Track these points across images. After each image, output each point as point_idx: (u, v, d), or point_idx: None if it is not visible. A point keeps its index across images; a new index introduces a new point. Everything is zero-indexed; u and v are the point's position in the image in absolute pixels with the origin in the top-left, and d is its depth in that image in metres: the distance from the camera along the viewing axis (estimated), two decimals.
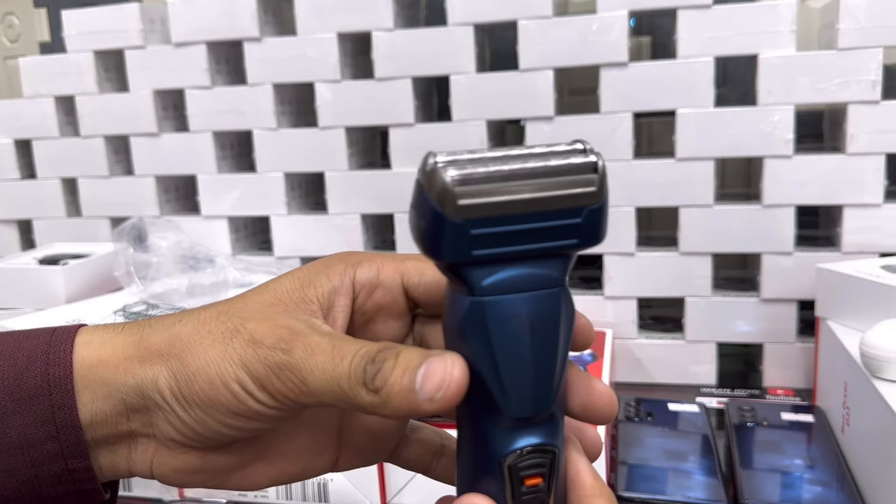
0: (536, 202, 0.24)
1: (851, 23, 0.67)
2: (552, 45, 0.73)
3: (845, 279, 0.65)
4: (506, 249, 0.24)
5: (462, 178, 0.23)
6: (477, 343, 0.25)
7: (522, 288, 0.25)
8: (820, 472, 0.57)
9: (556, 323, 0.25)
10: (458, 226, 0.23)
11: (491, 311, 0.25)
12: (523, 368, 0.25)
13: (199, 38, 0.82)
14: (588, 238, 0.25)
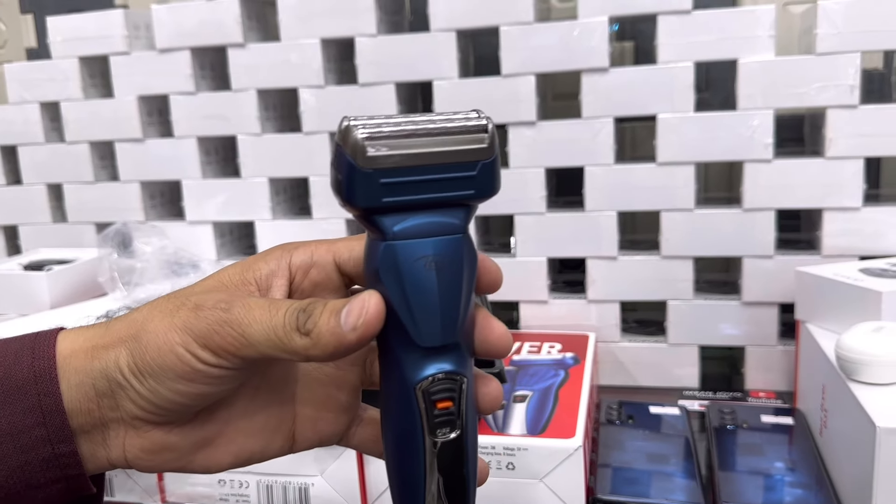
0: (436, 155, 0.28)
1: (830, 28, 0.68)
2: (534, 51, 0.73)
3: (823, 282, 0.65)
4: (411, 198, 0.28)
5: (371, 134, 0.27)
6: (391, 281, 0.29)
7: (428, 233, 0.28)
8: (799, 475, 0.57)
9: (458, 264, 0.29)
10: (369, 175, 0.27)
11: (401, 253, 0.28)
12: (431, 303, 0.29)
13: (183, 44, 0.82)
14: (483, 189, 0.29)
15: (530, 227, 0.77)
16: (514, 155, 0.76)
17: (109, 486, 0.62)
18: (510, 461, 0.54)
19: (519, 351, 0.72)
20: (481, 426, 0.56)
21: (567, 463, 0.53)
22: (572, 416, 0.57)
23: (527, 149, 0.76)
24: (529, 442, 0.54)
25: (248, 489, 0.59)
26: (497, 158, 0.29)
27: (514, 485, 0.54)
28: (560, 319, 0.79)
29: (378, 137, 0.27)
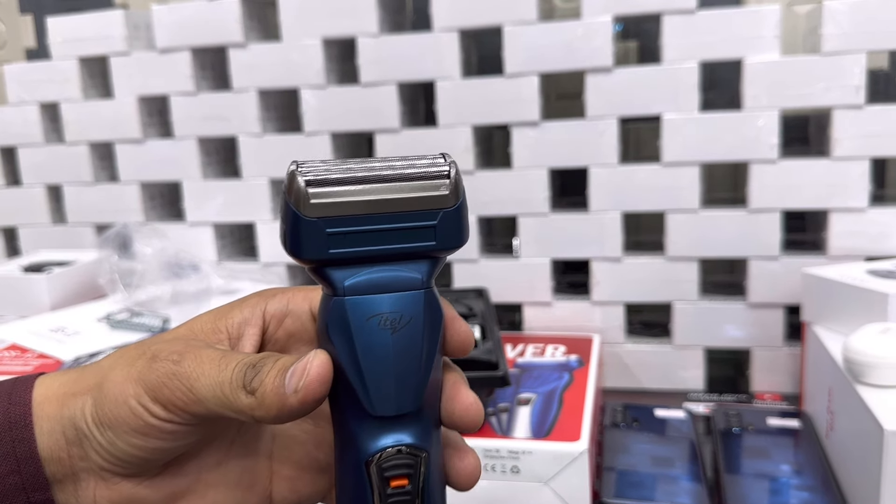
0: (390, 203, 0.26)
1: (835, 28, 0.67)
2: (537, 51, 0.73)
3: (830, 284, 0.64)
4: (363, 249, 0.26)
5: (315, 179, 0.25)
6: (340, 341, 0.26)
7: (384, 289, 0.26)
8: (805, 478, 0.57)
9: (418, 324, 0.26)
10: (313, 224, 0.25)
11: (352, 310, 0.26)
12: (385, 367, 0.26)
13: (183, 45, 0.82)
14: (445, 240, 0.26)
15: (534, 229, 0.77)
16: (518, 155, 0.76)
17: None
18: (514, 464, 0.54)
19: (523, 353, 0.72)
20: (485, 429, 0.56)
21: (572, 466, 0.53)
22: (577, 420, 0.57)
23: (530, 149, 0.75)
24: (534, 445, 0.53)
25: None
26: (461, 207, 0.26)
27: (518, 488, 0.54)
28: (564, 321, 0.78)
29: (324, 183, 0.25)
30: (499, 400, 0.60)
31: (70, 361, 0.62)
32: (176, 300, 0.71)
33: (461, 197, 0.26)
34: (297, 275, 0.86)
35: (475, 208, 0.78)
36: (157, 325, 0.67)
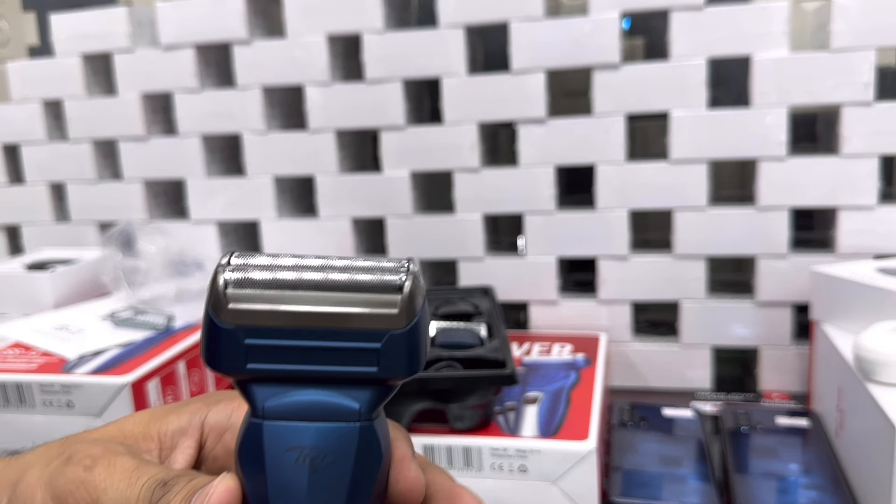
0: (324, 317, 0.21)
1: (844, 24, 0.67)
2: (544, 47, 0.72)
3: (839, 282, 0.64)
4: (288, 367, 0.22)
5: (239, 280, 0.21)
6: (250, 471, 0.22)
7: (310, 417, 0.22)
8: (815, 477, 0.56)
9: (344, 466, 0.22)
10: (230, 332, 0.21)
11: (268, 438, 0.22)
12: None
13: (187, 41, 0.81)
14: (390, 367, 0.22)
15: (540, 227, 0.76)
16: (524, 153, 0.75)
17: None
18: (522, 463, 0.53)
19: (529, 352, 0.71)
20: (492, 428, 0.55)
21: (581, 465, 0.52)
22: (585, 418, 0.56)
23: (536, 147, 0.75)
24: (542, 444, 0.53)
25: None
26: (414, 329, 0.22)
27: (526, 488, 0.53)
28: (570, 320, 0.78)
29: (247, 285, 0.21)
30: (506, 399, 0.60)
31: (74, 359, 0.61)
32: (180, 298, 0.70)
33: (416, 317, 0.22)
34: None
35: (481, 206, 0.77)
36: (162, 322, 0.66)
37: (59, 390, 0.58)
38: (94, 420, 0.57)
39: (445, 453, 0.54)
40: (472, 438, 0.54)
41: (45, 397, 0.58)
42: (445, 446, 0.54)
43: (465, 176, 0.77)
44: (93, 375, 0.57)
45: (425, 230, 0.79)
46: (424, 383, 0.54)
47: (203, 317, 0.22)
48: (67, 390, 0.58)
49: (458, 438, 0.54)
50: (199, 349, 0.64)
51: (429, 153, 0.78)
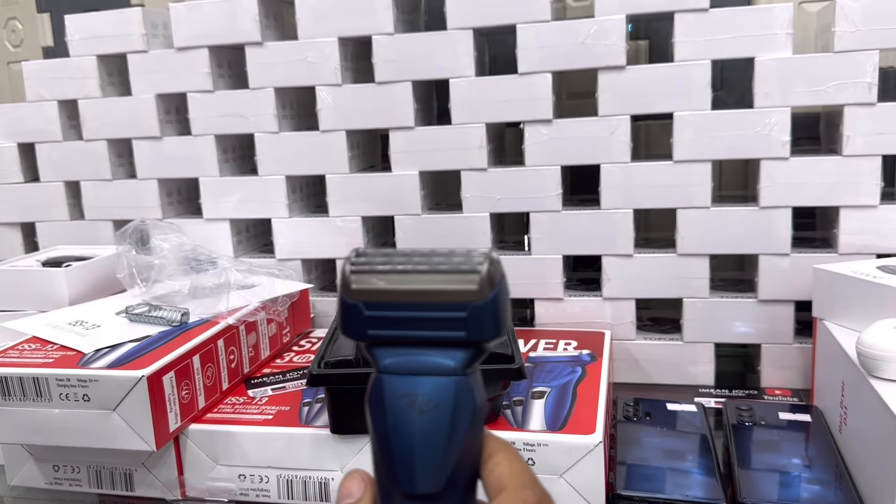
0: (422, 293, 0.27)
1: (847, 25, 0.68)
2: (550, 49, 0.74)
3: (842, 280, 0.65)
4: (399, 333, 0.28)
5: (359, 268, 0.28)
6: (375, 414, 0.28)
7: (417, 371, 0.28)
8: (818, 471, 0.57)
9: (445, 410, 0.27)
10: (354, 307, 0.28)
11: (387, 387, 0.28)
12: (408, 446, 0.27)
13: (201, 43, 0.83)
14: (475, 332, 0.27)
15: (545, 225, 0.78)
16: (530, 153, 0.76)
17: (130, 481, 0.63)
18: (530, 457, 0.54)
19: (535, 348, 0.73)
20: (500, 422, 0.57)
21: (587, 459, 0.53)
22: (592, 412, 0.57)
23: (543, 147, 0.76)
24: (549, 437, 0.54)
25: (269, 483, 0.59)
26: (493, 302, 0.27)
27: None
28: (575, 317, 0.79)
29: (365, 271, 0.28)
30: (513, 393, 0.61)
31: (90, 353, 0.63)
32: (194, 294, 0.72)
33: (494, 291, 0.27)
34: (311, 269, 0.87)
35: (488, 205, 0.79)
36: (177, 318, 0.68)
37: (75, 384, 0.59)
38: (111, 413, 0.58)
39: None
40: None
41: (62, 390, 0.59)
42: None
43: (472, 175, 0.78)
44: (109, 369, 0.58)
45: (433, 228, 0.80)
46: None
47: (338, 300, 0.28)
48: (84, 384, 0.59)
49: None
50: (212, 344, 0.65)
51: (437, 153, 0.79)
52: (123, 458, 0.62)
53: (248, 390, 0.68)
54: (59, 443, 0.60)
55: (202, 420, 0.62)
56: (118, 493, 0.64)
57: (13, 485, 0.67)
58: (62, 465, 0.65)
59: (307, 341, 0.81)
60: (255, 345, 0.73)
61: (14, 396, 0.60)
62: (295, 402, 0.64)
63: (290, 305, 0.79)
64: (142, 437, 0.57)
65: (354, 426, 0.57)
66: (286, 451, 0.59)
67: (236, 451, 0.60)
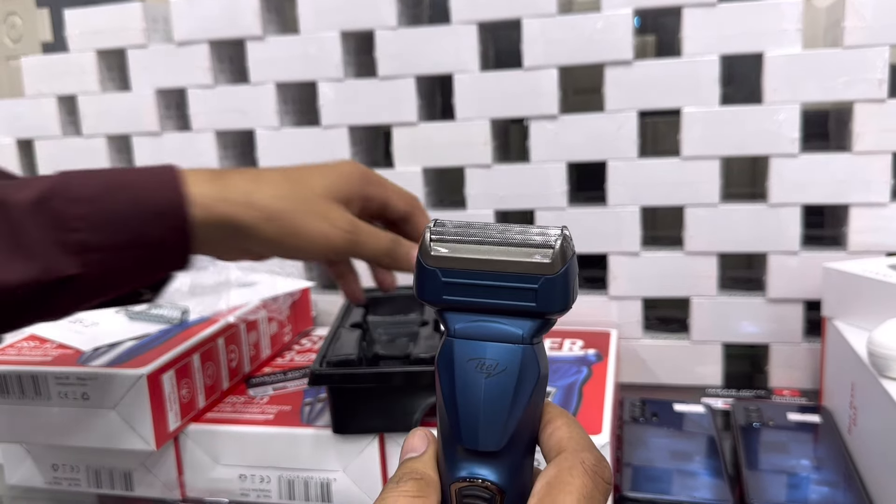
0: (495, 263, 0.29)
1: (858, 21, 0.67)
2: (556, 44, 0.73)
3: (852, 279, 0.64)
4: (470, 300, 0.29)
5: (438, 236, 0.30)
6: (444, 375, 0.30)
7: (486, 337, 0.29)
8: (827, 473, 0.57)
9: (511, 374, 0.29)
10: (431, 272, 0.29)
11: (457, 351, 0.29)
12: (474, 405, 0.29)
13: (201, 37, 0.82)
14: (545, 304, 0.29)
15: (551, 223, 0.76)
16: (535, 149, 0.75)
17: (129, 481, 0.62)
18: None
19: None
20: None
21: None
22: (598, 413, 0.56)
23: (548, 143, 0.75)
24: None
25: (269, 484, 0.59)
26: (563, 276, 0.28)
27: None
28: (581, 316, 0.78)
29: (444, 240, 0.29)
30: None
31: (90, 351, 0.62)
32: (194, 292, 0.71)
33: (564, 266, 0.28)
34: (312, 267, 0.86)
35: (492, 202, 0.78)
36: (176, 316, 0.67)
37: (74, 382, 0.58)
38: (109, 412, 0.57)
39: None
40: None
41: (61, 389, 0.59)
42: None
43: (476, 171, 0.77)
44: (108, 367, 0.58)
45: None
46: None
47: (416, 265, 0.30)
48: (83, 382, 0.58)
49: None
50: (212, 342, 0.64)
51: (441, 149, 0.78)
52: (123, 458, 0.62)
53: (248, 389, 0.67)
54: (58, 442, 0.60)
55: (202, 419, 0.61)
56: (117, 493, 0.63)
57: (12, 484, 0.66)
58: (61, 465, 0.64)
59: (308, 340, 0.80)
60: (255, 343, 0.72)
61: (12, 395, 0.59)
62: (296, 401, 0.63)
63: (292, 304, 0.79)
64: (141, 436, 0.57)
65: (356, 425, 0.56)
66: (287, 452, 0.58)
67: (237, 451, 0.59)
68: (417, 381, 0.54)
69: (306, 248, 0.50)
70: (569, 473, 0.28)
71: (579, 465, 0.28)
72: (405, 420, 0.55)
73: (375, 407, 0.55)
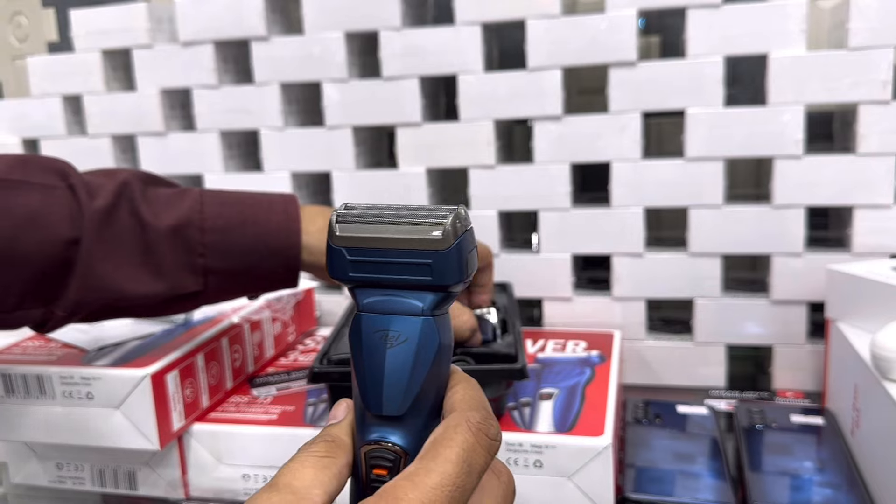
0: (395, 241, 0.31)
1: (862, 22, 0.66)
2: (560, 45, 0.73)
3: (856, 280, 0.64)
4: (376, 276, 0.31)
5: (342, 217, 0.32)
6: (354, 346, 0.32)
7: (390, 311, 0.31)
8: (830, 475, 0.57)
9: (411, 345, 0.31)
10: (338, 251, 0.31)
11: (364, 324, 0.31)
12: (378, 374, 0.31)
13: (206, 38, 0.82)
14: (441, 277, 0.31)
15: (554, 224, 0.77)
16: (539, 150, 0.75)
17: (133, 480, 0.62)
18: (538, 459, 0.54)
19: (543, 349, 0.72)
20: (508, 423, 0.56)
21: (596, 461, 0.52)
22: (601, 414, 0.56)
23: (552, 144, 0.75)
24: (558, 440, 0.53)
25: None
26: (456, 250, 0.30)
27: (541, 483, 0.54)
28: (584, 317, 0.78)
29: (347, 220, 0.31)
30: (521, 394, 0.60)
31: (94, 351, 0.62)
32: None
33: (457, 241, 0.30)
34: None
35: (496, 203, 0.78)
36: (180, 316, 0.67)
37: (78, 382, 0.59)
38: (114, 411, 0.58)
39: None
40: None
41: (65, 388, 0.59)
42: None
43: (480, 172, 0.77)
44: (112, 367, 0.58)
45: None
46: None
47: (326, 246, 0.32)
48: (87, 382, 0.59)
49: None
50: (216, 343, 0.64)
51: (444, 150, 0.78)
52: (127, 457, 0.62)
53: (252, 390, 0.67)
54: (63, 441, 0.60)
55: (206, 419, 0.61)
56: (121, 493, 0.63)
57: (16, 483, 0.66)
58: (65, 464, 0.64)
59: (312, 340, 0.80)
60: (259, 344, 0.72)
61: (17, 394, 0.60)
62: (299, 401, 0.64)
63: (295, 304, 0.79)
64: (145, 435, 0.57)
65: None
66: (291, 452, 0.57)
67: (240, 451, 0.59)
68: None
69: None
70: (453, 430, 0.30)
71: (464, 423, 0.30)
72: None
73: None
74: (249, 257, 0.54)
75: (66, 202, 0.50)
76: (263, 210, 0.55)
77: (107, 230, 0.51)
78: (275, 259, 0.54)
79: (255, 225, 0.54)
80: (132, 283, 0.52)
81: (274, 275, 0.55)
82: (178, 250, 0.52)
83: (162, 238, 0.52)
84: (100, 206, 0.51)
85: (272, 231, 0.54)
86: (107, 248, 0.51)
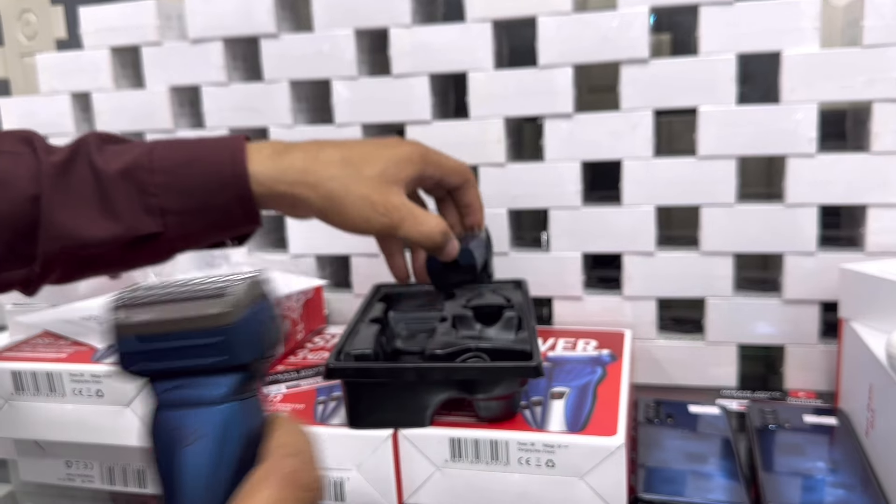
0: (180, 322, 0.27)
1: (877, 19, 0.66)
2: (571, 42, 0.72)
3: (869, 280, 0.63)
4: (173, 364, 0.27)
5: (124, 302, 0.27)
6: (153, 452, 0.28)
7: (184, 403, 0.27)
8: (843, 475, 0.56)
9: (209, 441, 0.27)
10: (127, 340, 0.27)
11: (158, 423, 0.27)
12: (176, 481, 0.27)
13: (215, 35, 0.82)
14: (236, 355, 0.27)
15: (565, 222, 0.76)
16: (550, 148, 0.75)
17: (143, 478, 0.62)
18: (550, 458, 0.53)
19: (554, 347, 0.71)
20: (519, 423, 0.55)
21: (609, 461, 0.52)
22: (613, 414, 0.56)
23: (562, 141, 0.75)
24: (570, 439, 0.53)
25: None
26: (248, 322, 0.27)
27: (553, 483, 0.53)
28: (595, 316, 0.78)
29: (128, 306, 0.27)
30: (532, 393, 0.60)
31: (104, 349, 0.62)
32: None
33: (247, 312, 0.27)
34: (325, 266, 0.86)
35: (506, 201, 0.77)
36: None
37: (88, 379, 0.59)
38: (124, 409, 0.57)
39: (472, 447, 0.54)
40: (499, 432, 0.54)
41: (75, 386, 0.59)
42: (472, 440, 0.54)
43: (490, 170, 0.77)
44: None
45: None
46: (450, 373, 0.54)
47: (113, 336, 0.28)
48: (97, 379, 0.59)
49: (485, 432, 0.54)
50: None
51: (454, 147, 0.77)
52: (136, 455, 0.62)
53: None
54: (72, 439, 0.60)
55: None
56: (130, 490, 0.63)
57: (25, 480, 0.66)
58: (75, 461, 0.64)
59: (321, 338, 0.80)
60: None
61: (27, 391, 0.60)
62: (309, 399, 0.63)
63: (304, 302, 0.79)
64: None
65: (371, 420, 0.56)
66: None
67: None
68: (430, 377, 0.54)
69: (349, 227, 0.57)
70: (258, 484, 0.27)
71: (272, 475, 0.27)
72: (419, 415, 0.55)
73: (389, 402, 0.55)
74: (201, 194, 0.54)
75: (29, 163, 0.52)
76: (209, 148, 0.55)
77: (62, 181, 0.52)
78: (226, 192, 0.54)
79: (201, 162, 0.54)
80: (90, 228, 0.52)
81: (231, 211, 0.55)
82: (132, 192, 0.53)
83: (113, 182, 0.53)
84: (56, 160, 0.53)
85: (218, 164, 0.54)
86: (63, 197, 0.52)
